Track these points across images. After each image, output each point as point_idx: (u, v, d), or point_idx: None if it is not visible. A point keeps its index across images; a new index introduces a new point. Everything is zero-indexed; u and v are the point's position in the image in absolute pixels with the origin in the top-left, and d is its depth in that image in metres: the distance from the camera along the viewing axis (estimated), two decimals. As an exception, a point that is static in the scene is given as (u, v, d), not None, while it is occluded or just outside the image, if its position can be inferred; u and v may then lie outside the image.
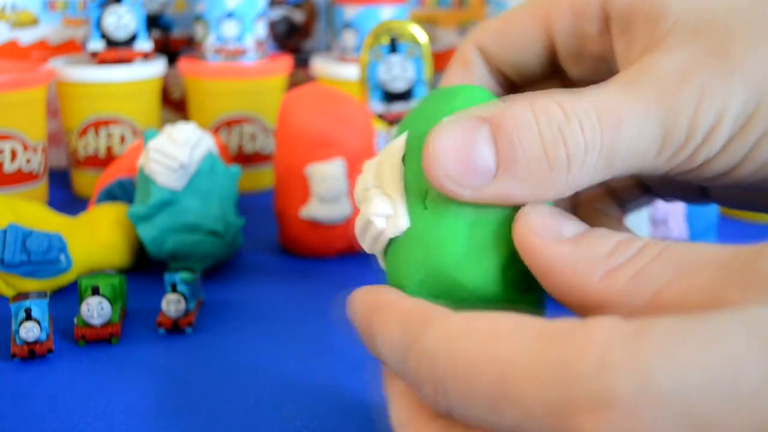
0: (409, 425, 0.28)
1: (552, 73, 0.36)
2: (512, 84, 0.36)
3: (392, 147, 0.30)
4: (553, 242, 0.27)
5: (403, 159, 0.30)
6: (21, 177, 0.66)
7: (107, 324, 0.46)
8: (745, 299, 0.22)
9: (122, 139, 0.73)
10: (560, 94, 0.28)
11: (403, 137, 0.30)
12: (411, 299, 0.28)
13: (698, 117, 0.28)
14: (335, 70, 0.75)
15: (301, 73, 0.87)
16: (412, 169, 0.29)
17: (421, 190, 0.29)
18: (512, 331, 0.24)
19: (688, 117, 0.28)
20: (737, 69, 0.28)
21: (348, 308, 0.31)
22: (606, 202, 0.37)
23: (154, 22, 0.84)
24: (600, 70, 0.33)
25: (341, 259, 0.59)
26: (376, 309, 0.29)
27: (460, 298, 0.28)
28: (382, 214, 0.29)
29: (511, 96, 0.29)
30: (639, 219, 0.54)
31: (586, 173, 0.27)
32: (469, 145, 0.27)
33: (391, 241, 0.30)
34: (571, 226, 0.27)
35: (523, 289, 0.28)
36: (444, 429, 0.26)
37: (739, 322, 0.21)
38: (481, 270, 0.28)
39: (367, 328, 0.29)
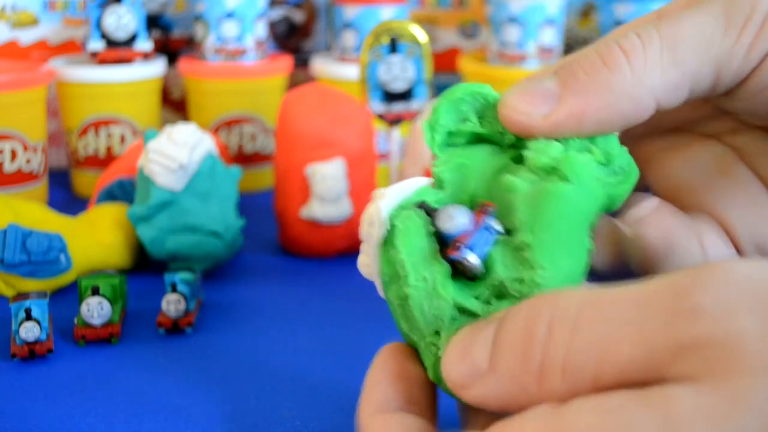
0: None
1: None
2: None
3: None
4: (477, 385, 0.25)
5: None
6: (21, 177, 0.66)
7: (107, 324, 0.46)
8: (679, 375, 0.22)
9: (122, 139, 0.73)
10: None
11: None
12: (379, 426, 0.28)
13: None
14: (335, 70, 0.75)
15: (301, 73, 0.87)
16: None
17: None
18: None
19: None
20: None
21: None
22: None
23: (154, 22, 0.84)
24: None
25: (341, 259, 0.59)
26: (359, 426, 0.29)
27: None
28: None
29: None
30: None
31: (652, 70, 0.27)
32: (533, 85, 0.28)
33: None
34: (481, 343, 0.26)
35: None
36: None
37: (654, 424, 0.21)
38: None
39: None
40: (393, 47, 0.60)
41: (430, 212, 0.28)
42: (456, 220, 0.28)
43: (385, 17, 0.75)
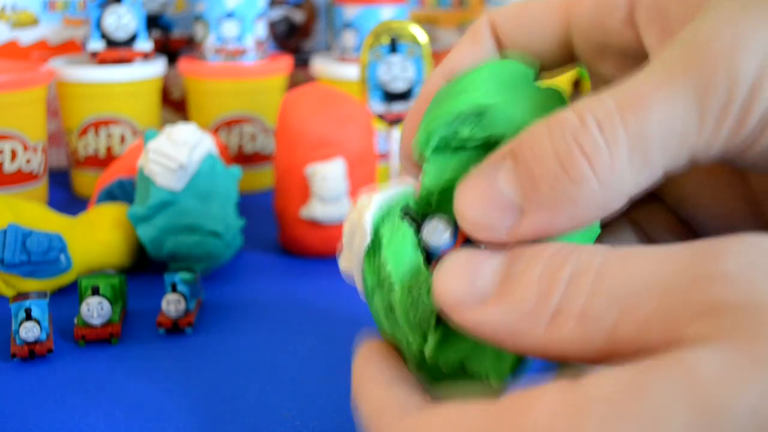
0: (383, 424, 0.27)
1: (562, 65, 0.33)
2: None
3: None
4: (477, 310, 0.25)
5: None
6: (21, 177, 0.66)
7: (107, 324, 0.46)
8: (695, 338, 0.21)
9: (122, 139, 0.73)
10: (583, 100, 0.25)
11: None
12: (378, 391, 0.28)
13: (737, 67, 0.23)
14: (335, 70, 0.75)
15: (301, 73, 0.87)
16: None
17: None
18: (455, 427, 0.23)
19: (724, 70, 0.23)
20: None
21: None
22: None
23: (154, 22, 0.84)
24: (626, 66, 0.30)
25: (341, 259, 0.59)
26: (356, 395, 0.29)
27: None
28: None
29: None
30: None
31: (622, 176, 0.24)
32: (489, 188, 0.26)
33: None
34: (487, 271, 0.25)
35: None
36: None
37: (679, 390, 0.20)
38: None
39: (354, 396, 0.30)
40: (393, 47, 0.60)
41: (414, 219, 0.28)
42: (442, 235, 0.27)
43: (385, 17, 0.75)
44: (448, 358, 0.28)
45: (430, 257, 0.28)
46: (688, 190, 0.32)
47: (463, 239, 0.27)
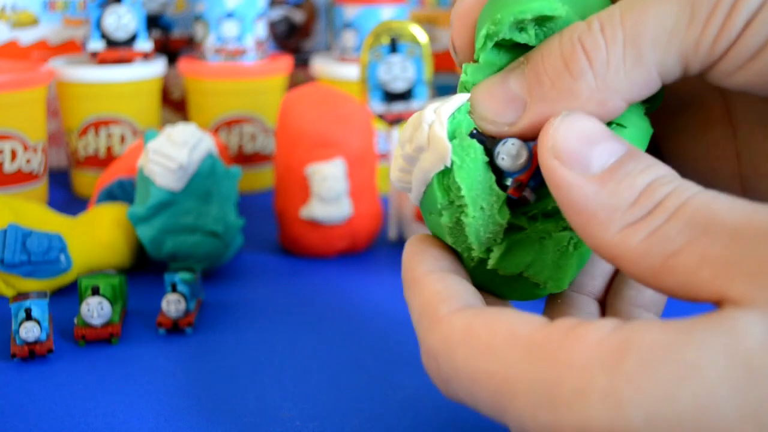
0: (432, 317, 0.28)
1: None
2: None
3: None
4: (579, 175, 0.25)
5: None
6: (21, 177, 0.66)
7: (107, 324, 0.46)
8: (743, 299, 0.22)
9: (122, 139, 0.73)
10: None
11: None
12: (435, 281, 0.28)
13: None
14: (335, 70, 0.75)
15: (301, 73, 0.87)
16: None
17: None
18: (506, 342, 0.24)
19: None
20: None
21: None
22: None
23: (154, 22, 0.84)
24: None
25: (341, 259, 0.59)
26: (409, 283, 0.29)
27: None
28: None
29: None
30: None
31: (617, 71, 0.26)
32: (500, 86, 0.28)
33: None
34: (603, 152, 0.26)
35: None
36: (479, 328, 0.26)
37: (722, 346, 0.21)
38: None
39: (404, 292, 0.30)
40: (393, 47, 0.60)
41: (483, 140, 0.28)
42: (517, 160, 0.28)
43: (385, 17, 0.75)
44: (509, 266, 0.29)
45: (502, 177, 0.28)
46: (682, 146, 0.33)
47: (536, 163, 0.28)
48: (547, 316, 0.33)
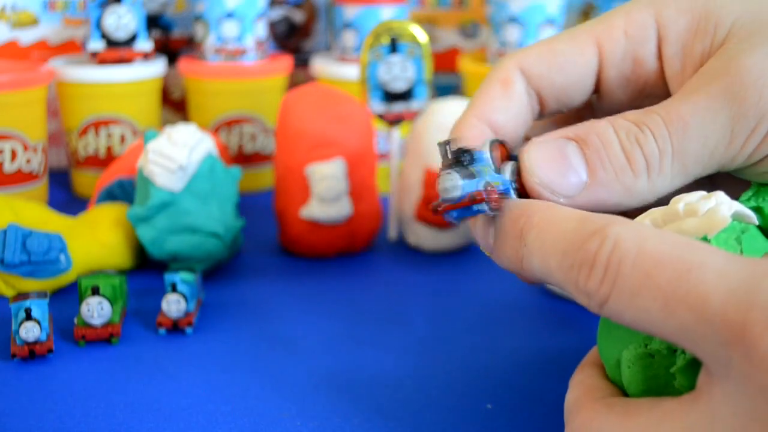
0: (578, 404, 0.30)
1: (583, 107, 0.37)
2: (545, 111, 0.37)
3: None
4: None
5: None
6: (21, 177, 0.66)
7: (107, 324, 0.46)
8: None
9: (122, 139, 0.73)
10: (630, 113, 0.31)
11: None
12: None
13: (765, 100, 0.29)
14: (335, 70, 0.75)
15: (301, 73, 0.87)
16: None
17: None
18: (707, 247, 0.26)
19: (755, 100, 0.29)
20: None
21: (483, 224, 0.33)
22: None
23: (154, 22, 0.84)
24: (643, 95, 0.35)
25: (341, 259, 0.59)
26: (534, 208, 0.31)
27: None
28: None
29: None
30: None
31: (665, 178, 0.31)
32: (561, 158, 0.31)
33: None
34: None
35: None
36: (605, 407, 0.29)
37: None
38: None
39: (516, 227, 0.31)
40: (393, 47, 0.60)
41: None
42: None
43: (385, 17, 0.75)
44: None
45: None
46: None
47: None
48: None
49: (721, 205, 0.29)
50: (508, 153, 0.34)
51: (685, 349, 0.25)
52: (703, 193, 0.30)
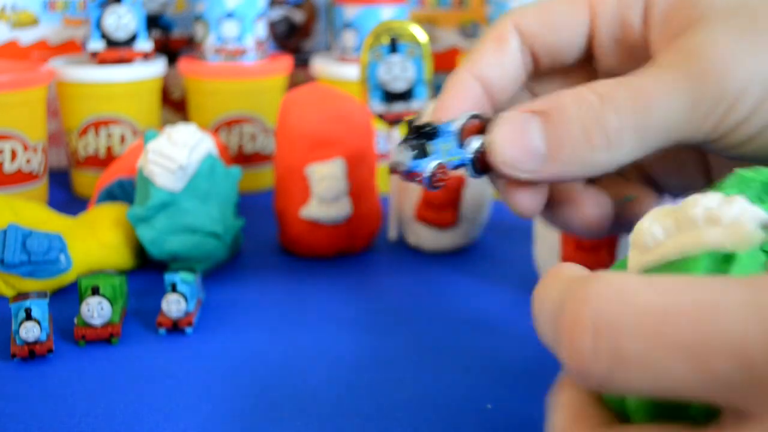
0: None
1: (581, 63, 0.38)
2: (539, 69, 0.37)
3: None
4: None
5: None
6: (21, 177, 0.66)
7: (107, 324, 0.46)
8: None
9: (122, 139, 0.73)
10: (599, 84, 0.32)
11: None
12: (573, 406, 0.26)
13: (726, 83, 0.30)
14: (335, 70, 0.75)
15: (301, 73, 0.87)
16: None
17: None
18: (712, 280, 0.21)
19: (715, 83, 0.30)
20: (766, 41, 0.30)
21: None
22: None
23: (154, 22, 0.84)
24: (632, 58, 0.36)
25: (341, 259, 0.59)
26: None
27: None
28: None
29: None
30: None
31: (625, 150, 0.31)
32: (523, 134, 0.32)
33: None
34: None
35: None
36: None
37: None
38: None
39: (535, 296, 0.27)
40: (393, 47, 0.60)
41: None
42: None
43: (385, 17, 0.75)
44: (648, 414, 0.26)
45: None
46: (657, 170, 0.39)
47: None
48: None
49: (745, 213, 0.25)
50: (482, 127, 0.35)
51: (724, 403, 0.21)
52: (719, 195, 0.26)
